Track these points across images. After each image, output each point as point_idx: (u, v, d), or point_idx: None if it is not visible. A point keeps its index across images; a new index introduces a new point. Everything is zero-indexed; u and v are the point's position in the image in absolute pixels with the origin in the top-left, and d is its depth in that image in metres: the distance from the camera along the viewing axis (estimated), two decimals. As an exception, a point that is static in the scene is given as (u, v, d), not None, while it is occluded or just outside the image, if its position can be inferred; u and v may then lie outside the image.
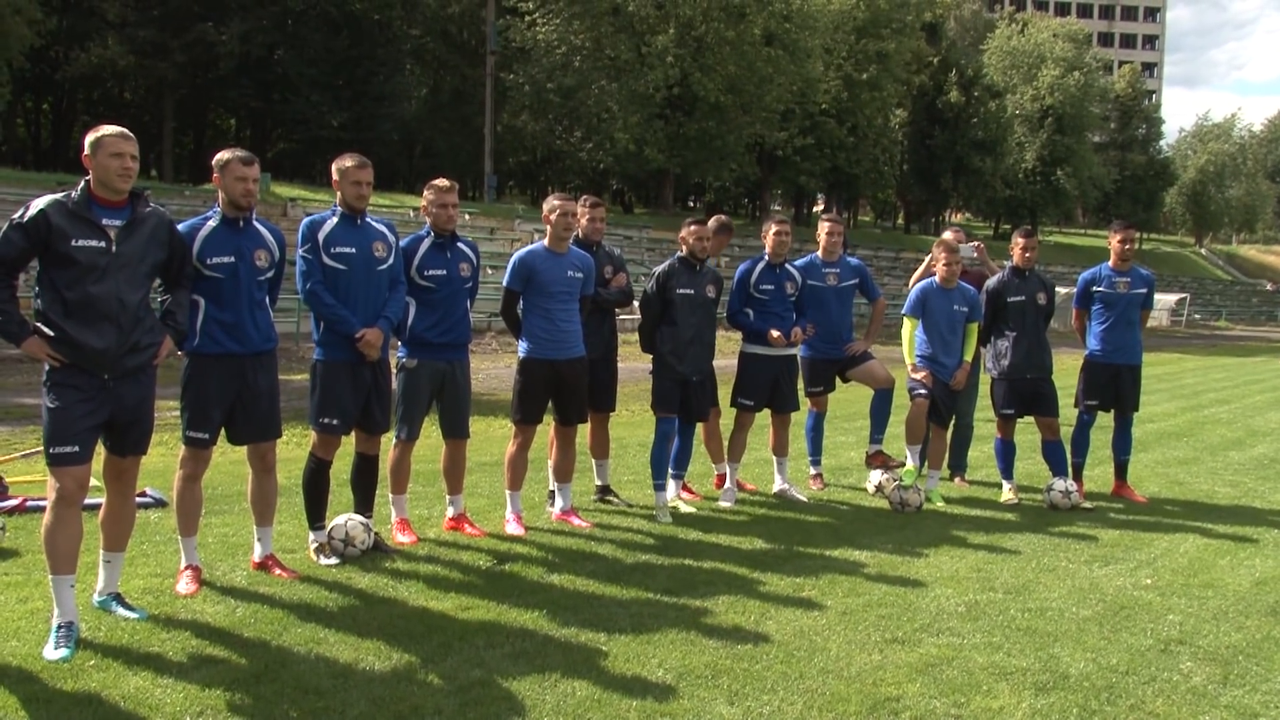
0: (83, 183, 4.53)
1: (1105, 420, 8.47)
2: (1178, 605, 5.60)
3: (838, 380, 8.34)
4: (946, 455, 8.50)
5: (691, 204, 60.62)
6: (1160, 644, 4.99)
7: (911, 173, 58.48)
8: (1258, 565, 6.49)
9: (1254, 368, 24.40)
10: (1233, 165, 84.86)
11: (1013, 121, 60.26)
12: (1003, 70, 63.63)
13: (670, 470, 7.43)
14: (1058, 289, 8.98)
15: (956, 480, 8.83)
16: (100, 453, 4.70)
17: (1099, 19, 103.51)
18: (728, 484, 7.84)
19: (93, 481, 4.72)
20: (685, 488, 7.75)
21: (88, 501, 4.76)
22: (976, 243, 9.09)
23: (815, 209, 59.87)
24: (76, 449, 4.45)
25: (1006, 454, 8.26)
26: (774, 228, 7.76)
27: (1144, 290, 8.31)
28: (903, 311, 8.07)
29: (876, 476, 8.16)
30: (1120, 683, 4.50)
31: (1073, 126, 62.79)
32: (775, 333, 7.55)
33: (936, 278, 7.98)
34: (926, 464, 8.22)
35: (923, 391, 7.91)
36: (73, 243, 4.39)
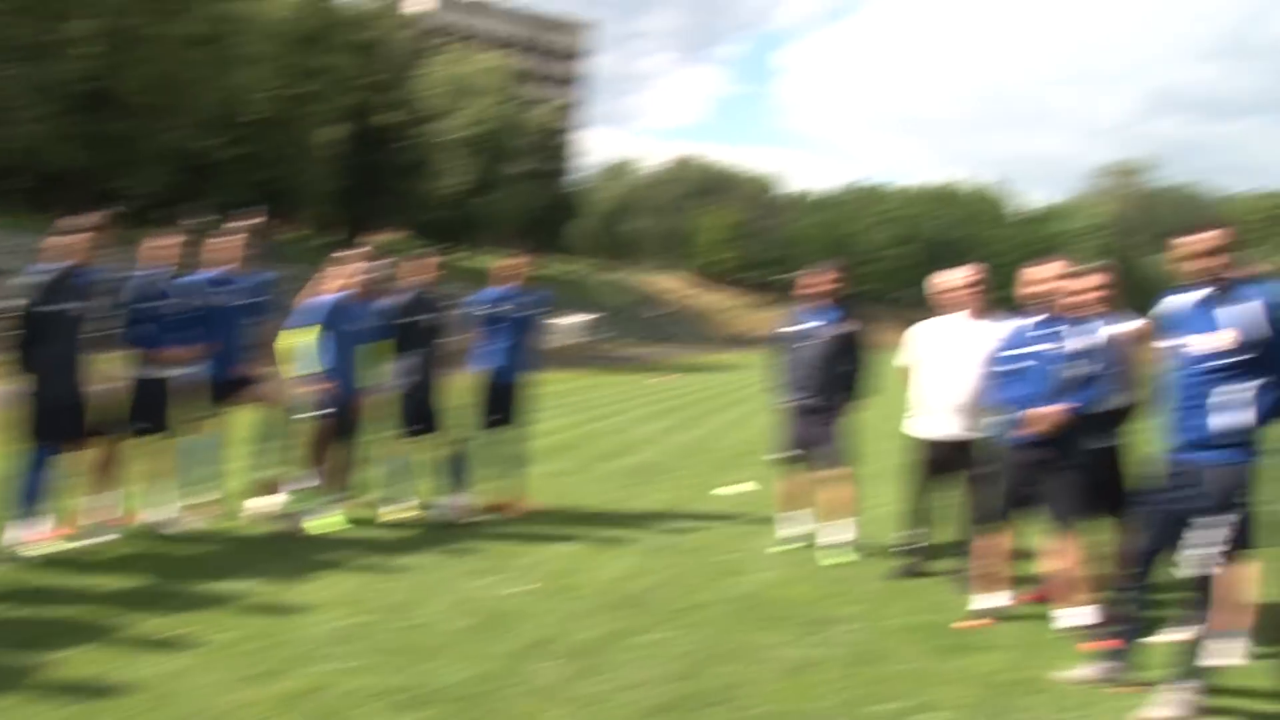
0: None
1: (503, 435, 8.91)
2: (547, 607, 6.04)
3: (228, 404, 7.87)
4: (346, 477, 8.37)
5: (106, 208, 54.43)
6: (528, 646, 5.33)
7: (345, 190, 58.19)
8: (616, 565, 7.20)
9: (637, 384, 27.49)
10: (636, 200, 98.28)
11: (442, 146, 62.70)
12: (436, 97, 65.92)
13: (29, 506, 6.49)
14: (458, 308, 9.31)
15: (348, 504, 8.68)
16: None
17: (526, 55, 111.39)
18: (96, 520, 6.99)
19: None
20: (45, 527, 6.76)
21: None
22: (388, 260, 9.12)
23: (232, 223, 56.96)
24: None
25: (400, 472, 8.36)
26: (161, 241, 7.26)
27: (539, 310, 8.97)
28: (301, 323, 7.82)
29: (259, 503, 7.80)
30: (488, 688, 4.72)
31: (498, 155, 66.98)
32: (167, 351, 7.08)
33: (344, 291, 7.91)
34: (323, 487, 8.00)
35: (326, 411, 7.74)
36: None
